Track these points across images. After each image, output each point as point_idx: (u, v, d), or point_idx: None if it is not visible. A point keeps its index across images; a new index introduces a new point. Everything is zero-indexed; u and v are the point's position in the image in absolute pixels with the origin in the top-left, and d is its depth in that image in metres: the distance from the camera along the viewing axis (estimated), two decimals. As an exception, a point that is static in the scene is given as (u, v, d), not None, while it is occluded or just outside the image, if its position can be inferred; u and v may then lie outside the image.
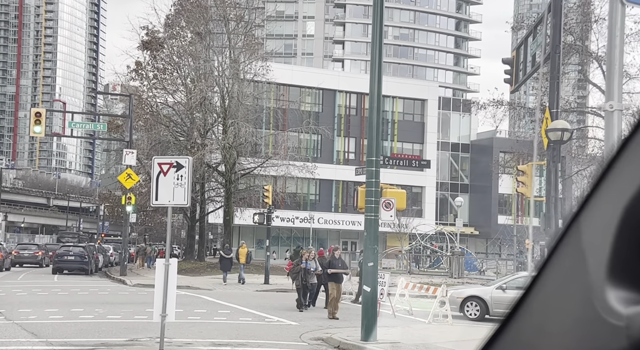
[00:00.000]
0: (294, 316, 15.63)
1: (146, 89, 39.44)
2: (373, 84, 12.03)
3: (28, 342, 10.77)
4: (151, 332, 12.19)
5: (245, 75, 38.58)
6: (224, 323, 14.20)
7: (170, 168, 9.62)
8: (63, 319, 13.87)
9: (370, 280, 11.51)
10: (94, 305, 16.57)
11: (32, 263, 39.38)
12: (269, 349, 10.88)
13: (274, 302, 19.41)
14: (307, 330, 13.23)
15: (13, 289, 21.23)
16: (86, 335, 11.78)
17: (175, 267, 9.67)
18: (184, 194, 9.60)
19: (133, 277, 29.09)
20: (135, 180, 31.70)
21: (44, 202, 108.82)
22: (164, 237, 67.54)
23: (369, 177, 11.78)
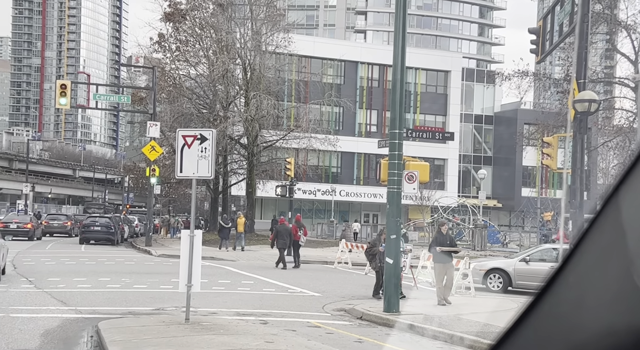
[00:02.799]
0: (317, 287, 15.78)
1: (169, 61, 39.49)
2: (397, 55, 11.89)
3: (57, 309, 11.05)
4: (177, 301, 12.43)
5: (267, 47, 38.39)
6: (247, 293, 14.41)
7: (195, 140, 9.67)
8: (91, 288, 14.19)
9: (393, 253, 11.55)
10: (121, 275, 16.90)
11: (62, 233, 40.19)
12: (292, 318, 11.02)
13: (295, 273, 19.61)
14: (329, 302, 13.37)
15: (42, 258, 21.72)
16: (113, 304, 12.05)
17: (200, 239, 9.80)
18: (208, 166, 9.67)
19: (158, 248, 29.56)
20: (159, 153, 31.95)
21: (70, 174, 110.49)
22: (187, 208, 68.74)
23: (391, 150, 11.73)
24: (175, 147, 32.07)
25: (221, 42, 37.34)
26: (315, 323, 10.62)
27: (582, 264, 0.97)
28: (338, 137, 42.56)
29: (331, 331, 9.90)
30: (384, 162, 12.33)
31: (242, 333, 8.64)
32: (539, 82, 33.24)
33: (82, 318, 10.26)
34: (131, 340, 7.75)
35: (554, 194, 56.91)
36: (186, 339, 7.97)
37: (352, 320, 11.26)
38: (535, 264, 15.57)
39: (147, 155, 31.82)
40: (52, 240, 35.57)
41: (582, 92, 14.11)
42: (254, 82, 36.69)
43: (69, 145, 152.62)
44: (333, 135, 42.00)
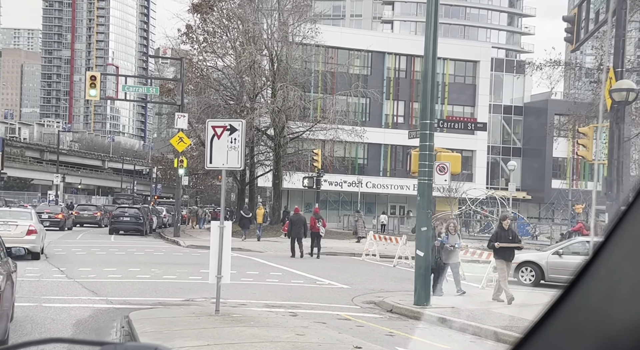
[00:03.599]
0: (345, 280, 15.69)
1: (196, 53, 39.60)
2: (428, 45, 11.66)
3: (89, 299, 11.14)
4: (206, 292, 12.44)
5: (294, 38, 38.24)
6: (276, 285, 14.38)
7: (224, 131, 9.60)
8: (121, 278, 14.29)
9: (424, 245, 11.38)
10: (150, 266, 17.01)
11: (91, 223, 40.74)
12: (321, 311, 10.94)
13: (323, 265, 19.53)
14: (358, 294, 13.26)
15: (73, 248, 22.00)
16: (144, 294, 12.10)
17: (229, 230, 9.75)
18: (238, 157, 9.59)
19: (186, 239, 29.76)
20: (186, 144, 32.12)
21: (99, 165, 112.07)
22: (215, 199, 69.07)
23: (422, 141, 11.53)
24: (203, 138, 32.07)
25: (248, 33, 37.29)
26: (345, 316, 10.52)
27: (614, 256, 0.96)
28: (365, 129, 42.30)
29: (361, 324, 9.79)
30: (415, 153, 12.14)
31: (272, 325, 8.57)
32: (571, 71, 32.51)
33: (113, 308, 10.32)
34: (162, 332, 7.74)
35: (585, 185, 55.87)
36: (217, 330, 7.93)
37: (382, 313, 11.14)
38: (568, 257, 15.25)
39: (175, 146, 32.01)
40: (82, 231, 36.07)
41: (619, 80, 13.71)
42: (280, 73, 36.60)
43: (98, 137, 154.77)
44: (360, 126, 41.77)
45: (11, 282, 7.41)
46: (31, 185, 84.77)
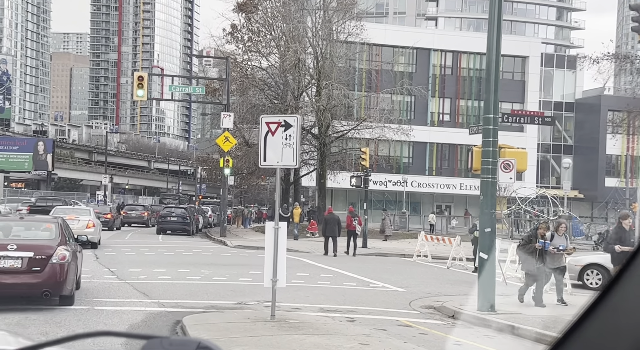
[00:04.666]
0: (399, 282, 15.11)
1: (241, 52, 39.53)
2: (491, 36, 11.00)
3: (140, 302, 10.88)
4: (258, 295, 12.07)
5: (339, 35, 37.77)
6: (328, 287, 13.91)
7: (279, 127, 9.19)
8: (171, 279, 14.06)
9: (487, 247, 10.72)
10: (199, 266, 16.78)
11: (139, 223, 41.12)
12: (379, 316, 10.41)
13: (375, 267, 18.98)
14: (415, 298, 12.68)
15: (122, 248, 22.02)
16: (195, 296, 11.80)
17: (284, 231, 9.32)
18: (293, 155, 9.16)
19: (233, 239, 29.61)
20: (232, 143, 32.01)
21: (145, 165, 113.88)
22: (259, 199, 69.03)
23: (485, 136, 10.87)
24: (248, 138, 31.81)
25: (293, 31, 37.00)
26: (405, 322, 9.97)
27: None
28: (412, 127, 41.52)
29: (424, 332, 9.23)
30: (477, 150, 11.47)
31: (332, 333, 8.10)
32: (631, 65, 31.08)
33: (165, 312, 10.02)
34: (218, 339, 7.35)
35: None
36: (275, 338, 7.50)
37: (444, 319, 10.54)
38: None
39: (220, 146, 31.94)
40: (130, 230, 36.40)
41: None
42: (325, 72, 36.16)
43: (144, 138, 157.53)
44: (409, 125, 41.01)
45: (76, 257, 10.68)
46: (80, 185, 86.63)
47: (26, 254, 9.58)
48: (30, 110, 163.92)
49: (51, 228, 10.57)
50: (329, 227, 22.22)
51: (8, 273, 9.42)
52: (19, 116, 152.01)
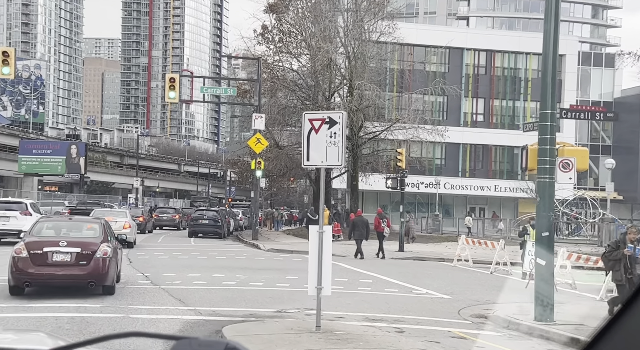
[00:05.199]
0: (443, 288, 14.40)
1: (272, 53, 39.14)
2: (548, 28, 10.25)
3: (177, 310, 10.40)
4: (297, 302, 11.52)
5: (370, 35, 37.14)
6: (369, 294, 13.27)
7: (323, 124, 8.61)
8: (207, 284, 13.58)
9: (545, 252, 9.98)
10: (234, 271, 16.30)
11: (170, 226, 41.01)
12: (429, 326, 9.75)
13: (415, 271, 18.28)
14: (464, 306, 11.97)
15: (155, 252, 21.70)
16: (232, 303, 11.29)
17: (329, 235, 8.73)
18: (338, 154, 8.57)
19: (265, 242, 29.13)
20: (264, 145, 31.57)
21: (176, 168, 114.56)
22: (288, 201, 68.42)
23: (542, 133, 10.14)
24: (278, 140, 31.22)
25: (324, 31, 36.48)
26: (458, 333, 9.29)
27: None
28: (447, 127, 40.64)
29: (482, 345, 8.54)
30: (532, 148, 10.74)
31: (384, 346, 7.48)
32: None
33: (203, 320, 9.51)
34: (263, 353, 6.78)
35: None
36: (324, 352, 6.91)
37: (499, 330, 9.82)
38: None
39: (252, 147, 31.53)
40: (162, 233, 36.24)
41: None
42: (357, 72, 35.52)
43: (174, 141, 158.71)
44: (441, 125, 40.13)
45: (116, 253, 12.04)
46: (112, 188, 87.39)
47: (74, 249, 11.09)
48: (63, 115, 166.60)
49: (95, 227, 12.08)
50: (357, 230, 22.05)
51: (60, 266, 11.01)
52: (52, 120, 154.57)
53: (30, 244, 11.16)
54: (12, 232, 21.47)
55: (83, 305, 10.27)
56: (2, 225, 22.09)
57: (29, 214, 22.27)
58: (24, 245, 11.13)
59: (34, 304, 10.30)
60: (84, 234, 11.95)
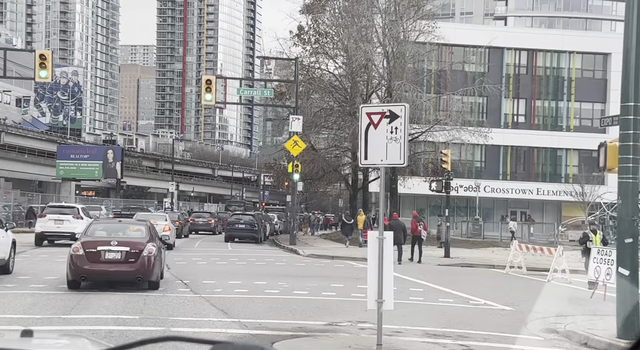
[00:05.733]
0: (502, 299, 13.34)
1: (308, 54, 38.43)
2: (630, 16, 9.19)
3: (220, 322, 9.62)
4: (347, 313, 10.67)
5: (409, 34, 36.14)
6: (424, 305, 12.31)
7: (382, 119, 7.73)
8: (249, 293, 12.81)
9: (629, 261, 8.91)
10: (276, 278, 15.51)
11: (206, 230, 40.57)
12: (499, 344, 8.77)
13: (466, 279, 17.23)
14: (530, 319, 10.92)
15: (193, 257, 21.08)
16: (278, 315, 10.47)
17: (390, 242, 7.82)
18: (400, 151, 7.68)
19: (303, 247, 28.33)
20: (301, 147, 30.82)
21: (210, 173, 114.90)
22: (322, 205, 67.38)
23: (624, 128, 9.09)
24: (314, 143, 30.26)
25: (361, 31, 35.64)
26: (533, 352, 8.29)
27: None
28: (491, 129, 39.33)
29: (566, 367, 7.53)
30: (612, 145, 9.68)
31: (460, 370, 6.53)
32: None
33: (249, 335, 8.70)
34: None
35: None
36: (394, 378, 6.01)
37: (578, 348, 8.78)
38: None
39: (289, 150, 30.84)
40: (198, 238, 35.77)
41: None
42: (396, 72, 34.53)
43: (208, 146, 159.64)
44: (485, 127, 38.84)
45: (160, 252, 13.18)
46: (147, 193, 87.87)
47: (124, 248, 12.32)
48: (100, 121, 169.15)
49: (142, 229, 13.37)
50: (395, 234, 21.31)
51: (111, 263, 12.26)
52: (89, 126, 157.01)
53: (86, 243, 12.44)
54: (66, 235, 23.35)
55: (121, 317, 9.58)
56: (57, 228, 23.90)
57: (81, 218, 24.11)
58: (80, 244, 12.41)
59: (71, 316, 9.65)
60: (132, 234, 13.14)
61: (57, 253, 19.62)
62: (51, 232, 23.83)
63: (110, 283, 12.41)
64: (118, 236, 12.85)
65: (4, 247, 13.98)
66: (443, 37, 35.50)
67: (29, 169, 70.64)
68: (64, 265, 13.06)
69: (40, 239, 23.86)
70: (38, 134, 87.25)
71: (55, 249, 22.33)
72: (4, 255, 13.95)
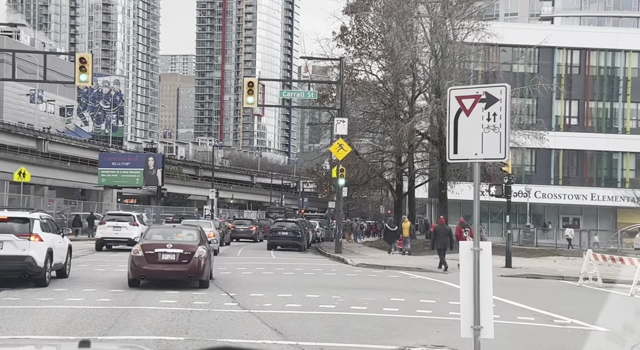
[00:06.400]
0: (587, 316, 11.69)
1: (351, 55, 37.13)
2: None
3: (275, 345, 8.33)
4: (418, 335, 9.28)
5: (457, 32, 34.52)
6: (503, 324, 10.73)
7: (476, 103, 6.33)
8: (302, 308, 11.50)
9: None
10: (329, 290, 14.17)
11: (247, 238, 39.57)
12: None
13: (538, 293, 15.57)
14: (633, 342, 9.29)
15: (237, 267, 19.91)
16: (339, 336, 9.12)
17: (489, 255, 6.38)
18: (500, 142, 6.26)
19: (350, 255, 26.92)
20: (347, 151, 29.50)
21: (248, 180, 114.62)
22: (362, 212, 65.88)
23: None
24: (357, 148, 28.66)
25: (407, 30, 34.20)
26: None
27: None
28: (548, 132, 37.40)
29: None
30: None
31: None
32: None
33: (313, 363, 7.36)
34: None
35: None
36: None
37: None
38: None
39: (334, 154, 29.56)
40: (239, 246, 34.74)
41: None
42: (445, 71, 32.92)
43: (246, 153, 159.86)
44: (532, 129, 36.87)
45: (210, 255, 14.61)
46: (187, 200, 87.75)
47: (178, 250, 13.52)
48: (141, 129, 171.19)
49: (193, 233, 14.56)
50: (439, 239, 21.07)
51: (167, 263, 13.47)
52: (130, 135, 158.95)
53: (145, 246, 13.68)
54: (123, 240, 25.60)
55: (164, 339, 8.38)
56: (115, 233, 26.08)
57: (136, 225, 26.44)
58: (140, 247, 13.68)
59: (108, 337, 8.50)
60: (185, 238, 14.30)
61: (115, 260, 20.17)
62: (110, 237, 25.93)
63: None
64: (173, 240, 14.01)
65: (60, 252, 14.64)
66: (495, 34, 33.76)
67: (71, 177, 71.11)
68: (112, 273, 15.04)
69: (100, 244, 25.92)
70: (80, 142, 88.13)
71: (114, 254, 23.91)
72: (60, 260, 14.68)
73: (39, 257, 13.00)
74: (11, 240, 12.87)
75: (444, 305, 12.43)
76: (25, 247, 12.87)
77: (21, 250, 12.81)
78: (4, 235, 12.86)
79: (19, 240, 12.92)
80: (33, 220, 13.33)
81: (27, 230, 13.11)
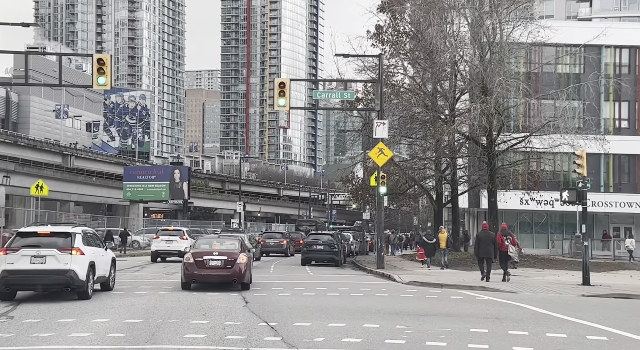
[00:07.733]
0: None
1: (388, 55, 34.60)
2: None
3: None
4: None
5: (504, 26, 31.86)
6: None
7: None
8: (364, 345, 8.87)
9: None
10: (388, 317, 11.50)
11: (278, 252, 37.11)
12: None
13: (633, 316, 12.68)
14: None
15: (272, 286, 17.34)
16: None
17: None
18: None
19: (395, 271, 24.18)
20: (388, 156, 26.89)
21: (275, 193, 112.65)
22: (392, 223, 62.99)
23: None
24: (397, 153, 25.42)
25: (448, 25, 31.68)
26: None
27: None
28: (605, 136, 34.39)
29: None
30: None
31: None
32: None
33: None
34: None
35: None
36: None
37: None
38: None
39: (374, 159, 26.97)
40: (270, 260, 32.26)
41: None
42: (493, 68, 30.19)
43: (272, 166, 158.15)
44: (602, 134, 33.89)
45: (250, 261, 17.19)
46: (214, 214, 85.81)
47: (223, 257, 15.74)
48: (167, 144, 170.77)
49: (235, 242, 16.76)
50: (482, 247, 19.93)
51: (213, 269, 15.65)
52: (157, 150, 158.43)
53: (195, 253, 15.85)
54: (174, 252, 29.15)
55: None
56: (167, 246, 29.66)
57: (186, 239, 30.05)
58: (191, 255, 15.88)
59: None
60: (228, 247, 16.40)
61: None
62: (163, 250, 29.52)
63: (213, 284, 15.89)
64: (218, 248, 16.18)
65: (104, 265, 15.08)
66: (549, 27, 30.98)
67: (96, 191, 69.64)
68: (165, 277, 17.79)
69: (155, 256, 29.43)
70: (106, 157, 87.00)
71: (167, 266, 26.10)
72: (104, 273, 15.08)
73: (81, 270, 13.37)
74: (54, 255, 13.23)
75: (542, 337, 9.70)
76: (67, 261, 13.23)
77: (63, 264, 13.19)
78: (47, 250, 13.24)
79: (61, 254, 13.27)
80: (75, 235, 13.64)
81: (69, 244, 13.42)
